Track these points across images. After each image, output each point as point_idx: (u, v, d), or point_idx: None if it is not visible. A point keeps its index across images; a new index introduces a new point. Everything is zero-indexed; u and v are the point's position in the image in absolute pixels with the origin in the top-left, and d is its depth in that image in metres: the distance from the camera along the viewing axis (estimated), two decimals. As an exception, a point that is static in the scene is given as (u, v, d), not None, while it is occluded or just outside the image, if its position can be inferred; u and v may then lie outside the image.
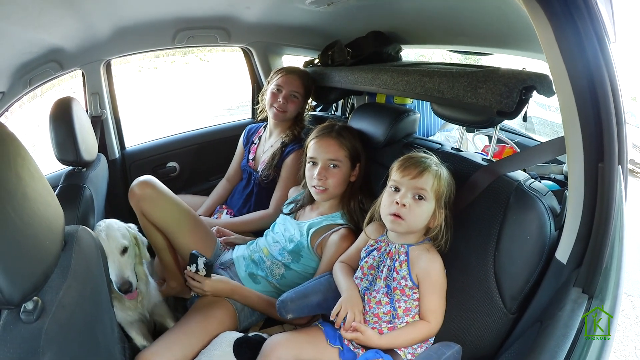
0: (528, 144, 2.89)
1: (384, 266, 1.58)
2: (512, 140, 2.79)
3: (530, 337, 1.16)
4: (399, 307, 1.52)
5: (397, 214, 1.50)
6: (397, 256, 1.56)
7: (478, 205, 1.56)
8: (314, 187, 1.93)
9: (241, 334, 1.67)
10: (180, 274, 2.03)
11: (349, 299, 1.57)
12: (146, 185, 1.96)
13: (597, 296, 1.08)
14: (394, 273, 1.55)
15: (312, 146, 1.96)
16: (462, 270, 1.54)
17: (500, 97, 1.39)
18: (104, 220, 1.82)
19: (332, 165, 1.91)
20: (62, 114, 2.00)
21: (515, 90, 1.36)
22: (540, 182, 1.99)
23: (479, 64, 2.48)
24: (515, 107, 1.38)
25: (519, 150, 2.39)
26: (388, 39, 2.61)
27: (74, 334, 1.10)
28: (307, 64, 2.86)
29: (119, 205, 2.85)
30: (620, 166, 1.15)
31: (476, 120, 1.64)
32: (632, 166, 9.44)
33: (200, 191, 3.07)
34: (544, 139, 1.70)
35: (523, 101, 1.40)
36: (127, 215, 2.69)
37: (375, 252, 1.64)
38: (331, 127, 1.98)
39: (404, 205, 1.50)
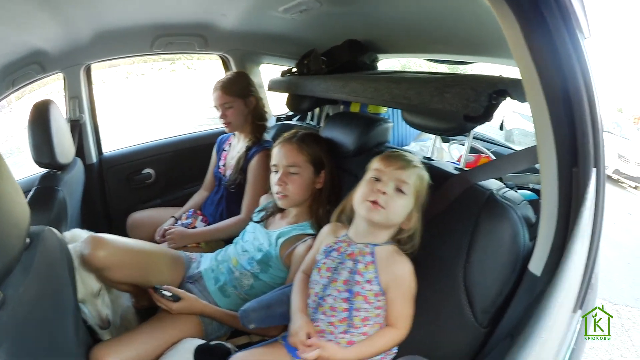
0: (506, 153, 2.76)
1: (344, 268, 1.42)
2: (489, 149, 2.69)
3: (501, 352, 1.04)
4: (357, 315, 1.37)
5: (376, 201, 1.37)
6: (360, 257, 1.41)
7: (448, 216, 1.45)
8: (276, 193, 1.88)
9: (203, 341, 1.58)
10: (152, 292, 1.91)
11: (297, 331, 1.41)
12: (98, 247, 1.69)
13: (574, 310, 1.00)
14: (357, 276, 1.39)
15: (274, 153, 1.92)
16: (431, 282, 1.41)
17: (467, 101, 1.27)
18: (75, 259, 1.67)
19: (291, 172, 1.85)
20: (40, 117, 1.96)
21: (484, 94, 1.25)
22: (516, 191, 1.90)
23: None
24: (483, 112, 1.26)
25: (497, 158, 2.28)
26: (364, 47, 2.53)
27: (31, 330, 1.10)
28: (284, 73, 2.77)
29: (94, 211, 2.80)
30: (595, 169, 1.05)
31: (446, 127, 1.53)
32: (617, 176, 9.53)
33: (176, 199, 2.98)
34: (522, 149, 1.64)
35: (493, 106, 1.28)
36: (103, 220, 2.77)
37: (334, 253, 1.48)
38: (294, 134, 1.92)
39: (385, 193, 1.37)
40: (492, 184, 1.44)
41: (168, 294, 1.67)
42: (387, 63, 2.76)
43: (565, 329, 1.07)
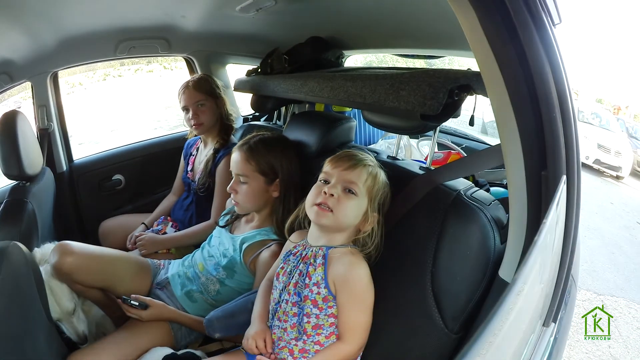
0: (479, 149, 2.61)
1: (297, 272, 1.33)
2: (461, 145, 2.54)
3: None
4: (307, 322, 1.27)
5: (324, 204, 1.27)
6: (312, 259, 1.31)
7: (413, 218, 1.32)
8: (232, 200, 1.79)
9: (170, 351, 1.52)
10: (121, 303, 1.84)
11: (252, 332, 1.35)
12: (65, 254, 1.67)
13: (546, 324, 0.88)
14: (306, 278, 1.29)
15: (231, 159, 1.81)
16: (399, 288, 1.29)
17: (424, 98, 1.12)
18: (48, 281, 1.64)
19: (241, 181, 1.75)
20: (6, 129, 1.91)
21: (442, 91, 1.10)
22: (489, 189, 1.74)
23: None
24: (442, 109, 1.11)
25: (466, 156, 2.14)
26: (328, 44, 2.40)
27: None
28: (249, 72, 2.63)
29: (66, 220, 2.70)
30: (566, 175, 0.90)
31: (407, 126, 1.38)
32: (598, 166, 9.60)
33: (147, 204, 2.85)
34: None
35: (455, 102, 1.15)
36: (75, 229, 2.68)
37: (291, 257, 1.39)
38: (247, 140, 1.79)
39: (332, 195, 1.26)
40: (460, 183, 1.31)
41: (135, 303, 1.62)
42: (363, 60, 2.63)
43: (534, 342, 0.97)
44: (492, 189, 1.97)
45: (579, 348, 3.08)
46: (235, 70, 3.14)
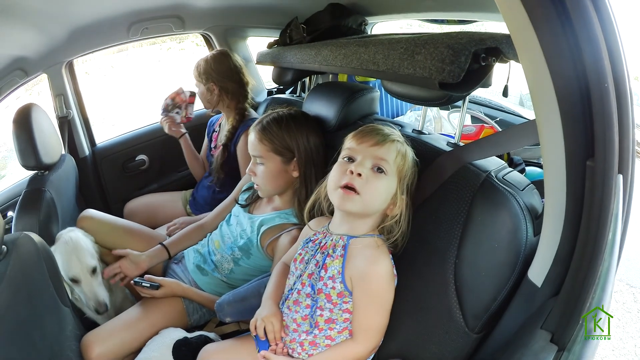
0: (515, 123, 2.37)
1: (313, 262, 1.21)
2: (494, 118, 2.32)
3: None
4: (320, 315, 1.17)
5: (350, 186, 1.12)
6: (331, 250, 1.19)
7: (437, 202, 1.18)
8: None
9: (182, 334, 1.51)
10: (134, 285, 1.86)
11: (263, 314, 1.27)
12: (84, 219, 1.97)
13: (571, 350, 0.73)
14: (322, 271, 1.17)
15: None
16: (418, 279, 1.17)
17: (442, 63, 0.93)
18: (71, 237, 1.75)
19: (258, 162, 1.66)
20: (21, 121, 1.94)
21: (464, 54, 0.91)
22: (524, 169, 1.56)
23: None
24: (465, 77, 0.92)
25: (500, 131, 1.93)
26: (348, 10, 2.22)
27: (4, 334, 1.18)
28: (271, 45, 2.49)
29: (92, 203, 2.67)
30: (621, 176, 0.71)
31: (428, 96, 1.19)
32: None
33: (171, 183, 2.92)
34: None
35: (483, 69, 0.96)
36: (102, 211, 2.56)
37: (310, 244, 1.28)
38: (261, 119, 1.70)
39: (360, 175, 1.11)
40: (491, 163, 1.15)
41: (147, 284, 1.66)
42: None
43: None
44: (527, 169, 1.77)
45: (605, 344, 2.87)
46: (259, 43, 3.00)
